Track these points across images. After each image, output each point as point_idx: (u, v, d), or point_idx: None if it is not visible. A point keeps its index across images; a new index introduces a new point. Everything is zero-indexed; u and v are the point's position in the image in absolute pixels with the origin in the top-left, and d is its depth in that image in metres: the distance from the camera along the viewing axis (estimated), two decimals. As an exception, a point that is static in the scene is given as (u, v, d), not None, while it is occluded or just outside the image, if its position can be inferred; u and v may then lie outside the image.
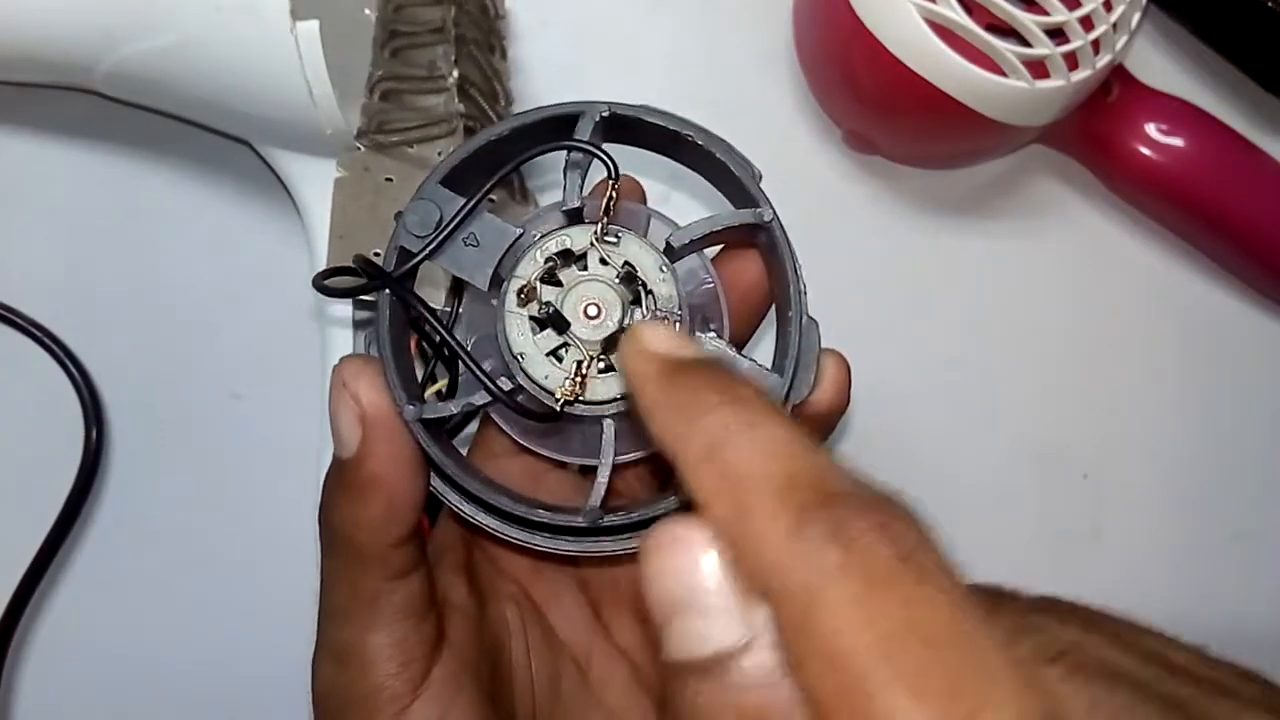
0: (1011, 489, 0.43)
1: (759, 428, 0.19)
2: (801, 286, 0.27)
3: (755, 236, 0.27)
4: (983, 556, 0.44)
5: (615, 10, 0.43)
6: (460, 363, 0.27)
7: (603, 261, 0.26)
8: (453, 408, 0.26)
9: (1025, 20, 0.35)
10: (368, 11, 0.39)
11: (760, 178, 0.27)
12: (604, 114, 0.26)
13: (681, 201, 0.40)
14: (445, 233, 0.26)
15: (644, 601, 0.19)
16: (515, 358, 0.26)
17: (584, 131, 0.26)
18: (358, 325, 0.37)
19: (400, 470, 0.27)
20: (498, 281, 0.26)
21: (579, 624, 0.32)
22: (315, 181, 0.38)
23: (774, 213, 0.26)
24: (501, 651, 0.31)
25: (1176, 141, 0.40)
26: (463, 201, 0.26)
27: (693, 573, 0.18)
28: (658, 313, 0.26)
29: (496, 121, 0.37)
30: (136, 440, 0.40)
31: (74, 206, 0.41)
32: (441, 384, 0.28)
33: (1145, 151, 0.40)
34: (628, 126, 0.27)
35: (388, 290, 0.26)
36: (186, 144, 0.41)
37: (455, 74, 0.37)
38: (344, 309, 0.37)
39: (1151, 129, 0.40)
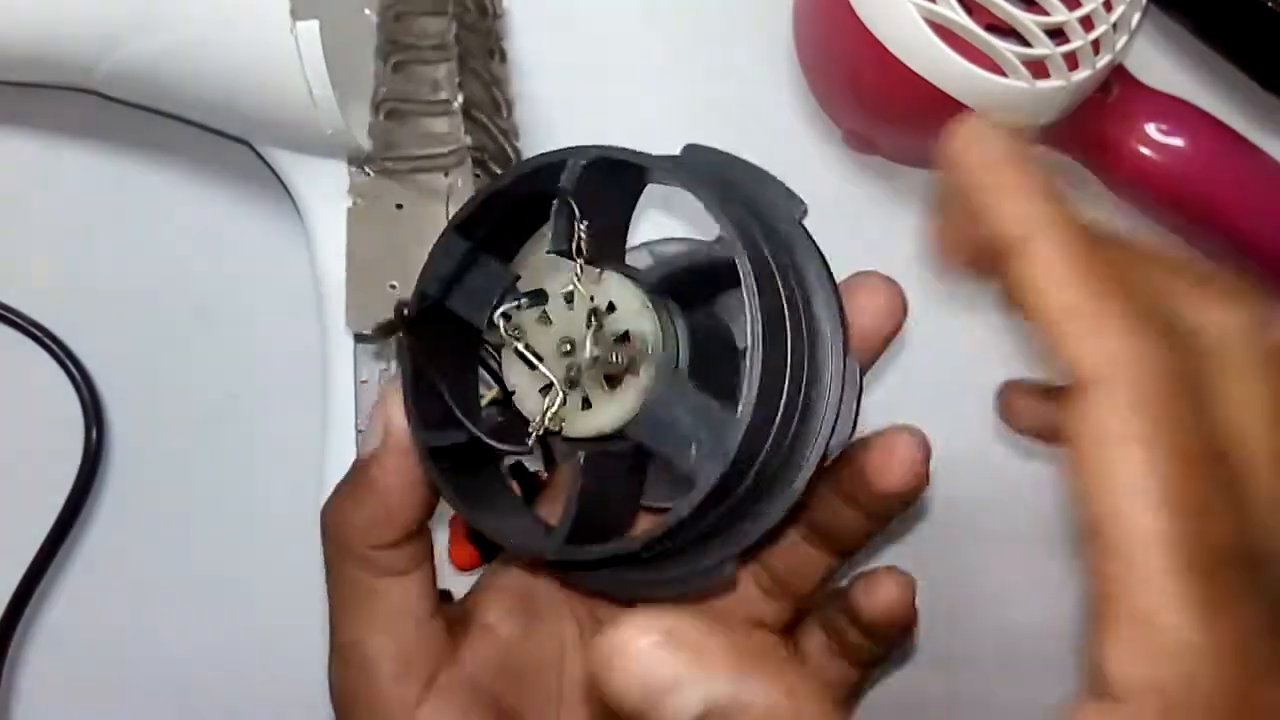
0: (1013, 489, 0.43)
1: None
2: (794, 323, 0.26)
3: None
4: (982, 557, 0.44)
5: (614, 10, 0.43)
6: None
7: (586, 298, 0.27)
8: (460, 437, 0.28)
9: (1025, 20, 0.35)
10: (368, 11, 0.39)
11: (804, 213, 0.29)
12: (583, 162, 0.27)
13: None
14: (450, 281, 0.28)
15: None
16: (510, 393, 0.27)
17: (569, 179, 0.27)
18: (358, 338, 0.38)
19: (402, 482, 0.28)
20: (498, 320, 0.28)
21: None
22: (315, 181, 0.38)
23: (738, 237, 0.26)
24: (547, 671, 0.31)
25: (1176, 141, 0.40)
26: (469, 247, 0.28)
27: (653, 666, 0.19)
28: (614, 351, 0.26)
29: (503, 140, 0.38)
30: (136, 440, 0.40)
31: (74, 206, 0.41)
32: (494, 393, 0.29)
33: (1145, 151, 0.40)
34: (617, 167, 0.27)
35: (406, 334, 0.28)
36: (186, 144, 0.41)
37: (460, 98, 0.37)
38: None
39: (1151, 129, 0.40)
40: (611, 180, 0.27)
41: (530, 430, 0.27)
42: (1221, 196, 0.41)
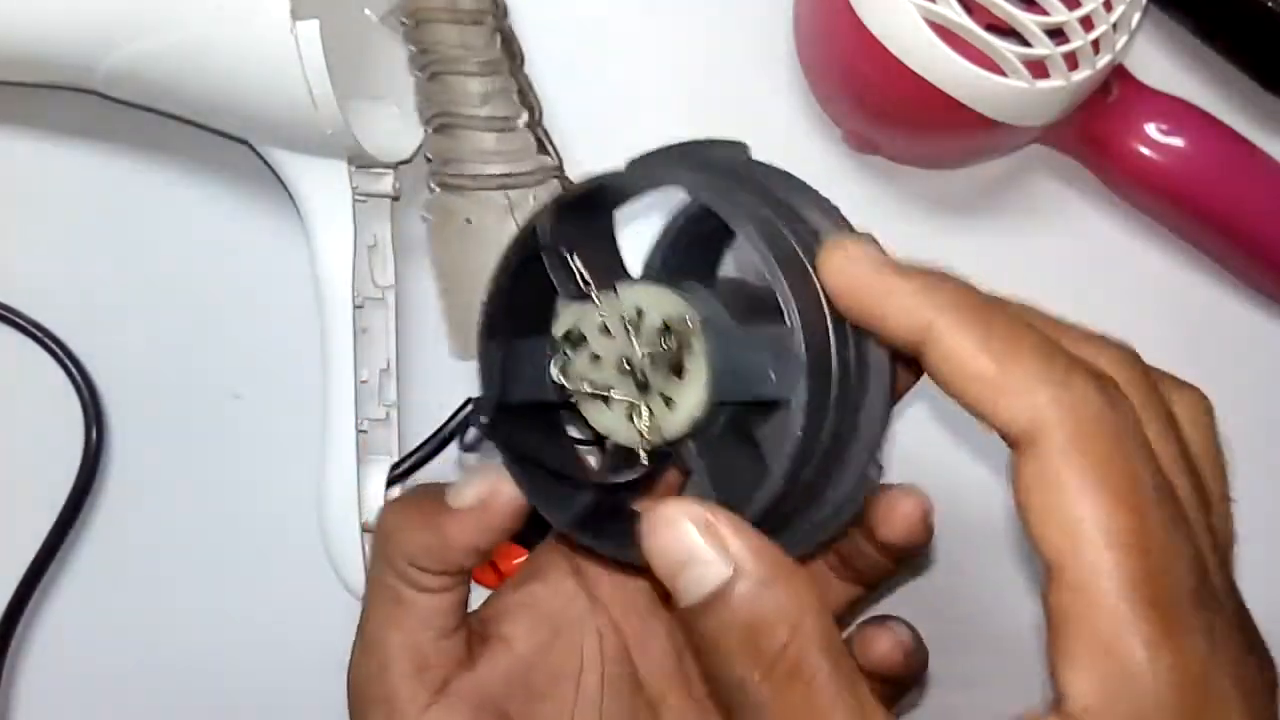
0: (1011, 490, 0.43)
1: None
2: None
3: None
4: (981, 559, 0.44)
5: (615, 10, 0.43)
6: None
7: (618, 321, 0.28)
8: (579, 505, 0.28)
9: (1025, 20, 0.35)
10: (368, 12, 0.39)
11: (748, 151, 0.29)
12: (548, 216, 0.27)
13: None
14: (503, 379, 0.28)
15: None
16: (603, 438, 0.28)
17: (543, 235, 0.27)
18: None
19: (468, 544, 0.29)
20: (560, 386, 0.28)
21: (662, 670, 0.33)
22: (315, 181, 0.38)
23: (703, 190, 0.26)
24: (563, 685, 0.32)
25: (1176, 141, 0.40)
26: (500, 350, 0.29)
27: (683, 537, 0.23)
28: (662, 339, 0.27)
29: (548, 143, 0.38)
30: (136, 440, 0.40)
31: (74, 206, 0.41)
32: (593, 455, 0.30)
33: (1145, 151, 0.40)
34: (579, 205, 0.28)
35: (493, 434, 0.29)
36: (186, 144, 0.41)
37: (525, 116, 0.37)
38: (345, 315, 0.37)
39: (1151, 129, 0.40)
40: (582, 212, 0.28)
41: (639, 447, 0.27)
42: (1221, 196, 0.41)
